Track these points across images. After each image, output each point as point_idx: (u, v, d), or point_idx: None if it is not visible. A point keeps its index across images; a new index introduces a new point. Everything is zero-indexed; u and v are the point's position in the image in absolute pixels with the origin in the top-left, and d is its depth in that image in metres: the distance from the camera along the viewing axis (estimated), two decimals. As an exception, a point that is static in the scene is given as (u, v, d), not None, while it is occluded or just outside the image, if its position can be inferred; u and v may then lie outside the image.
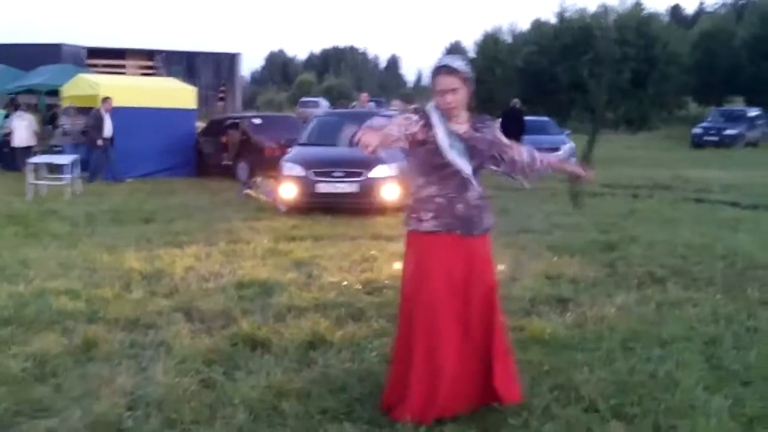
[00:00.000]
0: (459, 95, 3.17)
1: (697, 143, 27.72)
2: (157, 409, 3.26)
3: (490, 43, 42.68)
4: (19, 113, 16.77)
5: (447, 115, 3.20)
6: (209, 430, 3.07)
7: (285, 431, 3.09)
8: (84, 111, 15.25)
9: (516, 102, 18.90)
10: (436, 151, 3.15)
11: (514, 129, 18.25)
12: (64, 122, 15.32)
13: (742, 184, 12.96)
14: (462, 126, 3.23)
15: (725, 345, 4.20)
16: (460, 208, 3.20)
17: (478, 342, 3.21)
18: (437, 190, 3.19)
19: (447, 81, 3.16)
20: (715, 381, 3.65)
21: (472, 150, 3.21)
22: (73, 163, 12.26)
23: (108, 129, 14.42)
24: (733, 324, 4.62)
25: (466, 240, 3.20)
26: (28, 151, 15.91)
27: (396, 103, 15.44)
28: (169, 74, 26.68)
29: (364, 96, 17.48)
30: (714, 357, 4.01)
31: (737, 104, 37.06)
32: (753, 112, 29.69)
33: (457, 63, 3.21)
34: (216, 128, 16.45)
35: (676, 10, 58.75)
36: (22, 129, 16.53)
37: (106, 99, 14.50)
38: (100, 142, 14.30)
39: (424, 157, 3.19)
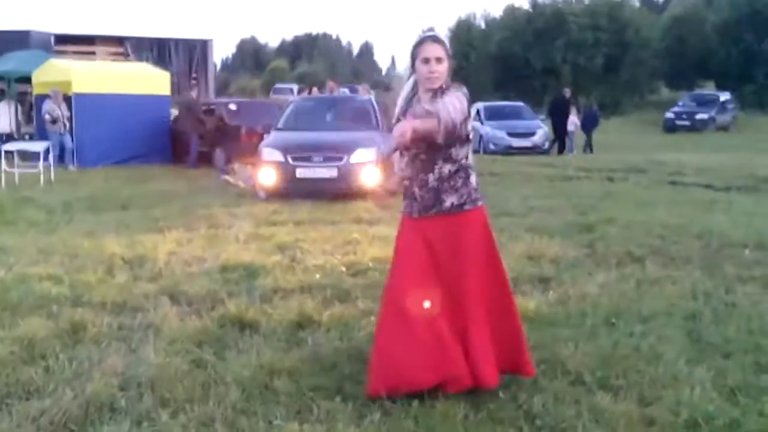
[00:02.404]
0: (443, 66, 3.12)
1: (670, 127, 28.15)
2: (149, 388, 3.26)
3: (463, 29, 42.77)
4: (5, 101, 16.73)
5: (428, 86, 3.12)
6: (203, 408, 3.08)
7: (278, 408, 3.11)
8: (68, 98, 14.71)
9: (566, 91, 18.76)
10: None
11: (563, 119, 18.31)
12: (48, 108, 14.29)
13: (714, 167, 13.18)
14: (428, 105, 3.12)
15: (705, 320, 4.30)
16: (416, 191, 3.21)
17: (459, 321, 3.16)
18: (407, 173, 3.23)
19: (434, 48, 3.12)
20: (697, 354, 3.74)
21: None
22: (46, 151, 12.05)
23: None
24: (712, 299, 4.72)
25: (423, 221, 3.19)
26: (8, 138, 15.72)
27: (364, 88, 15.61)
28: (140, 61, 26.21)
29: (332, 84, 17.42)
30: (694, 331, 4.11)
31: (708, 89, 37.58)
32: (723, 96, 30.21)
33: (442, 36, 3.27)
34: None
35: (647, -4, 59.18)
36: (6, 115, 16.48)
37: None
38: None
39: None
